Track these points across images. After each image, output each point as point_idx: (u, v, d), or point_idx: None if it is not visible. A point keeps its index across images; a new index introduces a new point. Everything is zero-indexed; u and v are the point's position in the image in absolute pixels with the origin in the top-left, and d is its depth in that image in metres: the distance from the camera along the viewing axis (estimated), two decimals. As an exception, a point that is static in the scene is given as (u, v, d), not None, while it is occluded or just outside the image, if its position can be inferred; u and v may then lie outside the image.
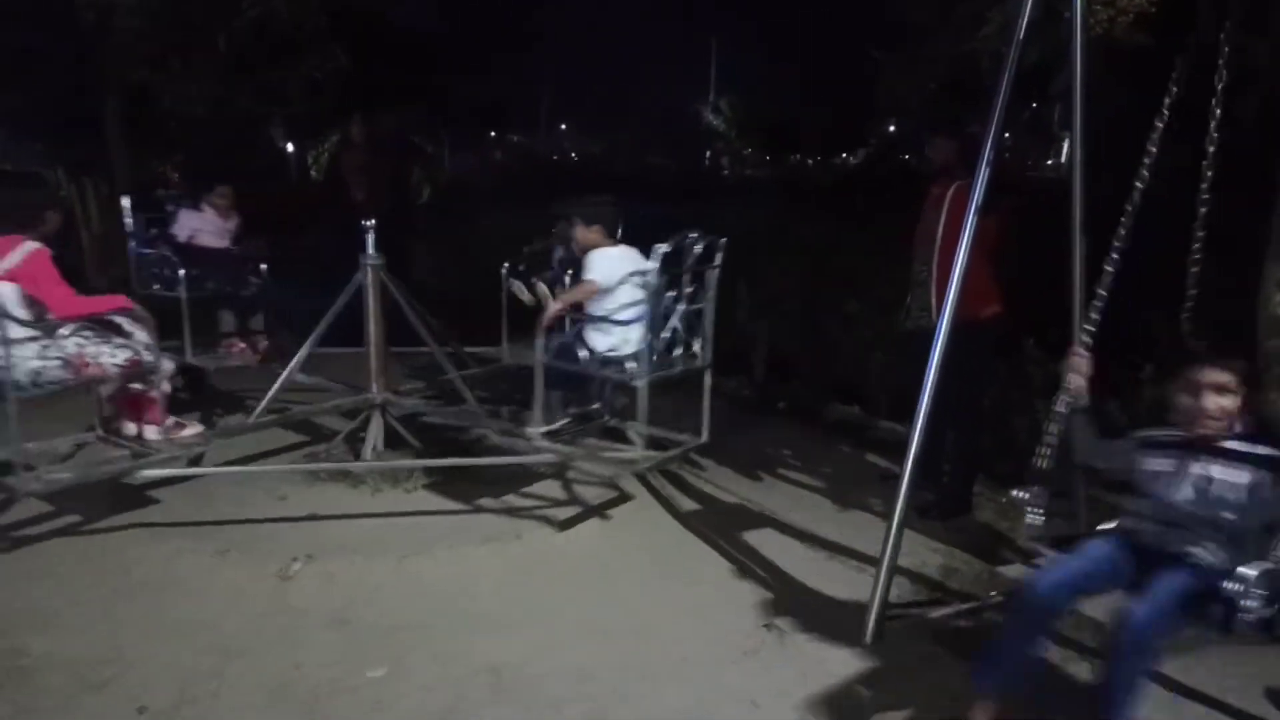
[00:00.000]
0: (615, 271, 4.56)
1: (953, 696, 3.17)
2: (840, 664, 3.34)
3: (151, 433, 4.46)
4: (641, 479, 5.13)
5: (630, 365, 4.43)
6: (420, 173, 12.20)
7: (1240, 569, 2.72)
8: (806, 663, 3.36)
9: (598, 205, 4.86)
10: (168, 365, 4.51)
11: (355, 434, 5.33)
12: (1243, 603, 2.68)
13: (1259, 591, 2.67)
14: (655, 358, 4.33)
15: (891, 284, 5.42)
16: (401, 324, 5.24)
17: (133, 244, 5.95)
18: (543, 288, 5.40)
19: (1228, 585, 2.72)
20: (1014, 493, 3.54)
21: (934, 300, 4.46)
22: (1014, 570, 4.12)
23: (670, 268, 4.22)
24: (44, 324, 4.10)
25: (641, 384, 4.30)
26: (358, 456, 5.21)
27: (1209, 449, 2.91)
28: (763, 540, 4.45)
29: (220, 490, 4.79)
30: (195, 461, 4.80)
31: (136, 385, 4.40)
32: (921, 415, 3.48)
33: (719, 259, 4.43)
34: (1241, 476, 2.85)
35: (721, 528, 4.58)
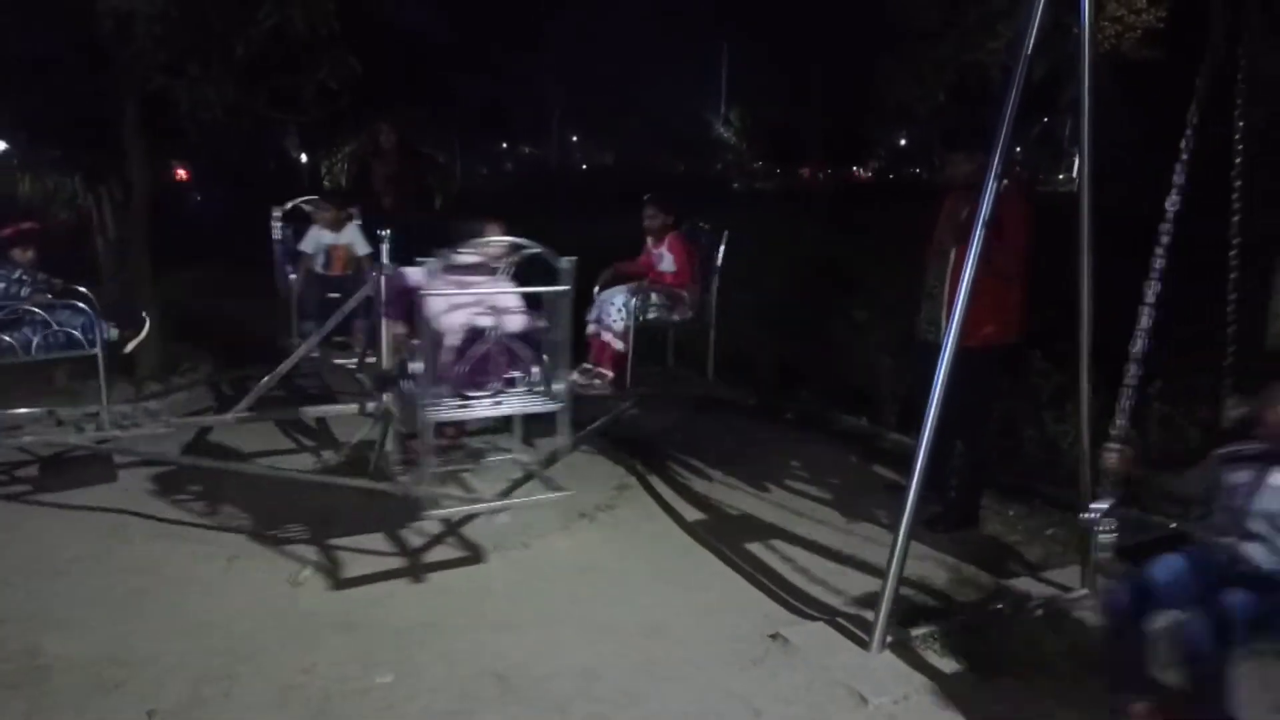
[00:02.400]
0: None
1: (958, 707, 3.19)
2: (846, 673, 3.35)
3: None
4: (648, 488, 5.16)
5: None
6: (432, 182, 12.28)
7: None
8: (811, 671, 3.38)
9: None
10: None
11: (366, 439, 5.36)
12: None
13: None
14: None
15: (900, 293, 5.44)
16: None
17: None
18: None
19: None
20: (1081, 515, 3.56)
21: (944, 318, 4.45)
22: (1021, 582, 4.13)
23: None
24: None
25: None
26: (368, 462, 5.24)
27: None
28: (768, 549, 4.47)
29: (231, 494, 4.83)
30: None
31: None
32: (928, 428, 3.50)
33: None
34: None
35: (727, 536, 4.60)
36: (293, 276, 6.57)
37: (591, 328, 5.65)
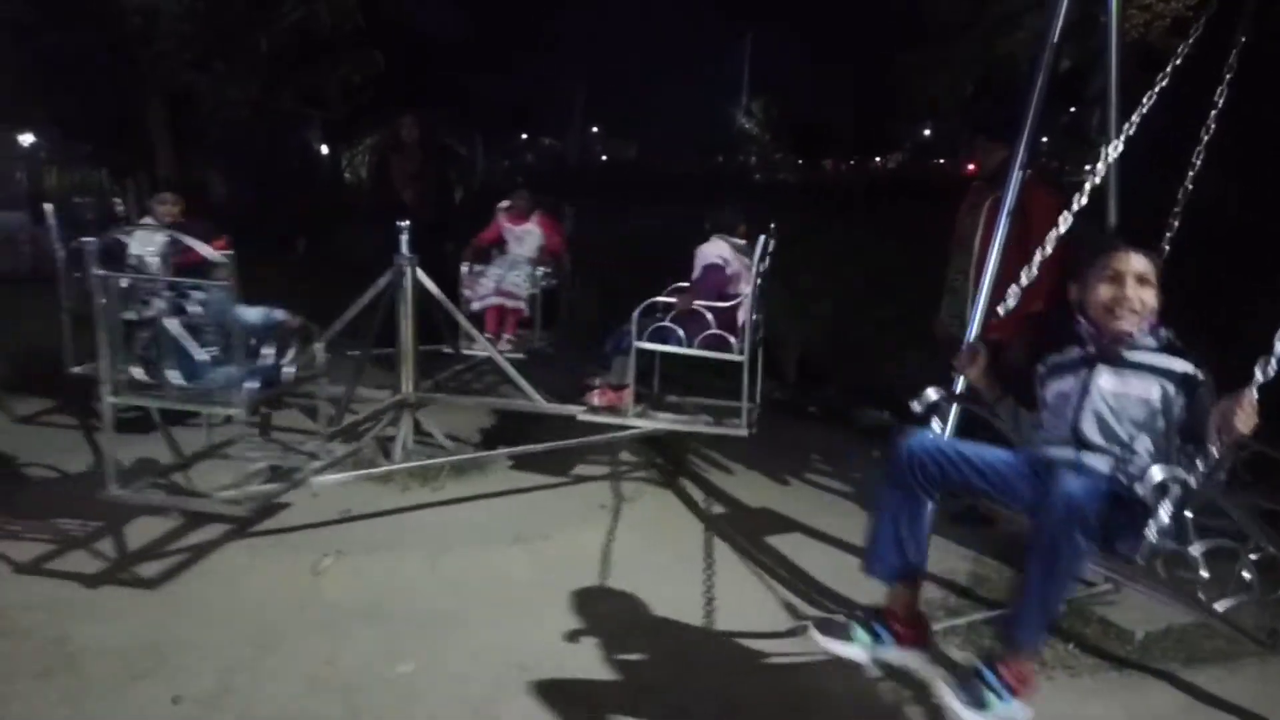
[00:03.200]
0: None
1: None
2: (871, 667, 3.34)
3: None
4: (670, 481, 5.17)
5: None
6: (453, 175, 12.32)
7: (1149, 472, 2.52)
8: (836, 665, 3.37)
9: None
10: None
11: (385, 432, 5.41)
12: (1157, 510, 2.47)
13: (1167, 497, 2.48)
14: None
15: (926, 287, 5.40)
16: (432, 324, 5.31)
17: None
18: None
19: (1138, 489, 2.55)
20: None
21: (969, 312, 4.40)
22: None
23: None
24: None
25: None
26: (387, 455, 5.28)
27: (1115, 360, 2.78)
28: (790, 543, 4.46)
29: (248, 485, 4.87)
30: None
31: None
32: (950, 423, 3.47)
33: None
34: (1151, 390, 2.73)
35: (749, 530, 4.60)
36: None
37: (492, 300, 6.48)
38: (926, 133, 31.75)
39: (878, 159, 31.67)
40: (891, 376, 6.50)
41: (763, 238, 4.69)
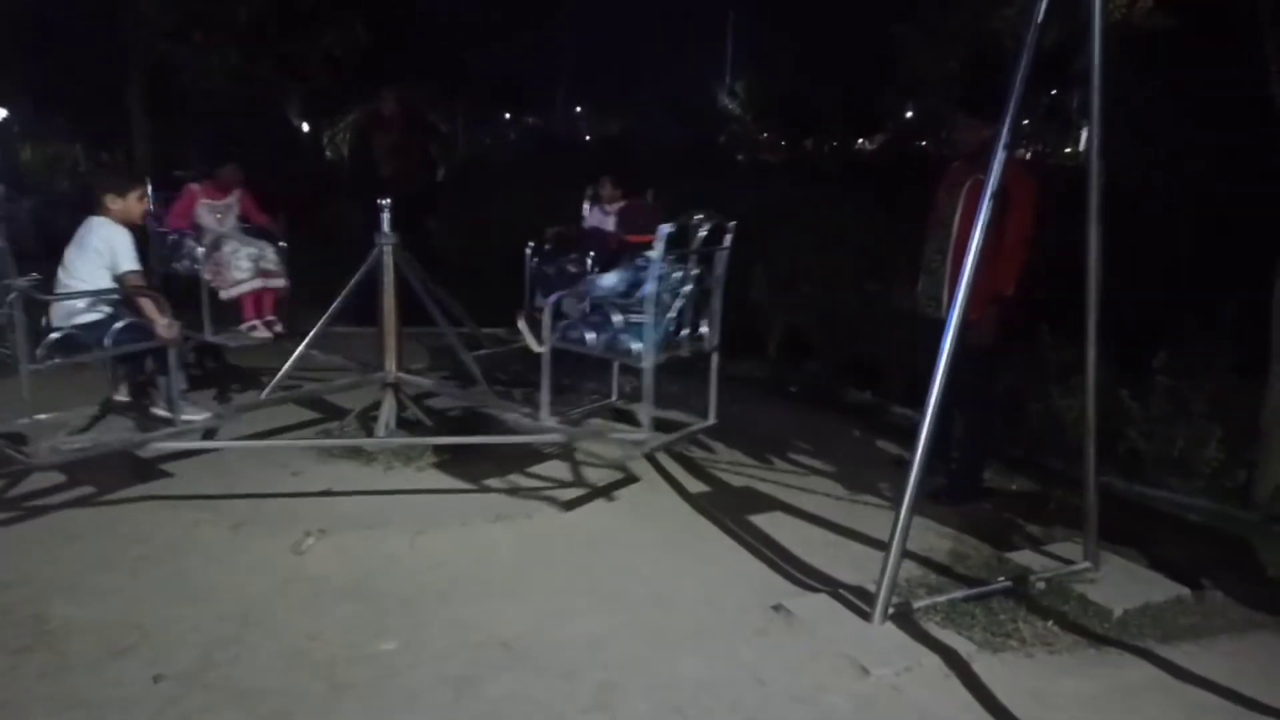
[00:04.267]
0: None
1: (960, 679, 3.21)
2: (848, 645, 3.37)
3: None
4: (651, 460, 5.17)
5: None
6: (435, 151, 12.22)
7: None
8: (816, 642, 3.40)
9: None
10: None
11: (368, 412, 5.38)
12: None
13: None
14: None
15: (909, 266, 5.42)
16: (417, 303, 5.28)
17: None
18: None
19: None
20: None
21: (946, 293, 4.42)
22: (1023, 555, 4.15)
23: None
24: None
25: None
26: (370, 434, 5.26)
27: None
28: (772, 522, 4.49)
29: (234, 465, 4.85)
30: (209, 435, 4.88)
31: None
32: (932, 402, 3.49)
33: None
34: None
35: (731, 509, 4.62)
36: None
37: (251, 285, 5.89)
38: (909, 114, 31.75)
39: (860, 140, 31.62)
40: (874, 355, 6.53)
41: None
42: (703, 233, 4.30)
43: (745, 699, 3.07)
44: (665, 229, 4.06)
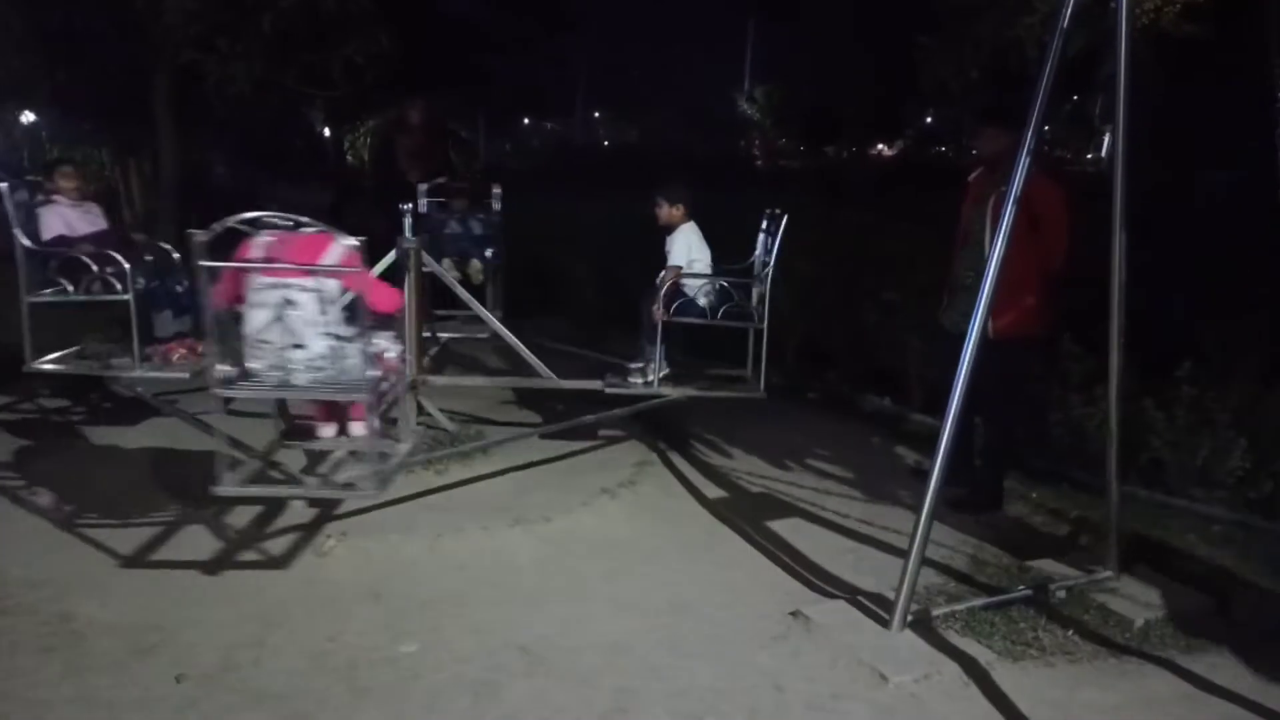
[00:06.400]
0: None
1: (979, 687, 3.19)
2: (867, 652, 3.36)
3: (359, 429, 4.31)
4: (670, 467, 5.18)
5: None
6: (455, 158, 12.30)
7: None
8: (834, 649, 3.39)
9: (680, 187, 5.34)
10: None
11: (387, 414, 5.40)
12: None
13: None
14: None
15: (930, 274, 5.40)
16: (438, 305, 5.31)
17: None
18: (475, 264, 5.86)
19: None
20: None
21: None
22: (1044, 564, 4.11)
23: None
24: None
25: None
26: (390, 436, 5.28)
27: None
28: (791, 528, 4.48)
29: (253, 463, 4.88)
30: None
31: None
32: (954, 409, 3.47)
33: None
34: None
35: (749, 514, 4.61)
36: None
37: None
38: (929, 120, 31.63)
39: (880, 146, 31.53)
40: (893, 363, 6.50)
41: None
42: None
43: (763, 706, 3.06)
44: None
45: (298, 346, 3.58)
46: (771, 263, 4.87)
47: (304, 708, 2.96)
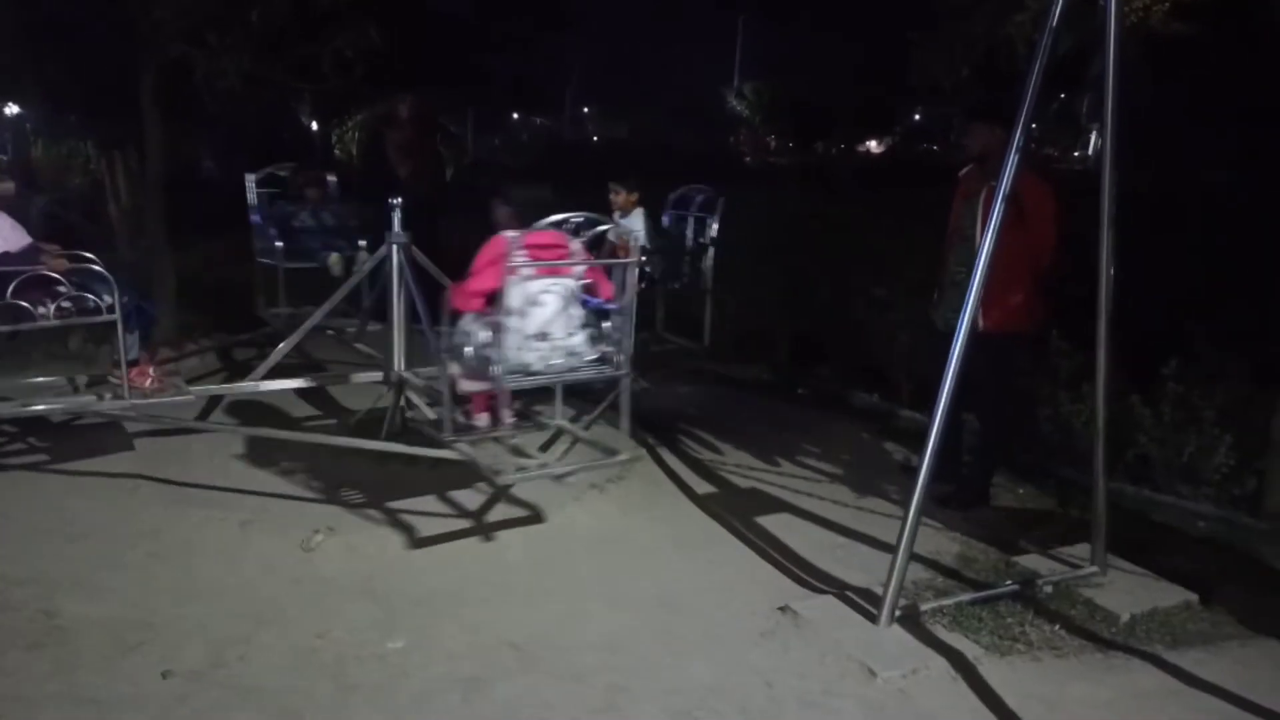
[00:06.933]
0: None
1: (967, 681, 3.21)
2: (855, 647, 3.37)
3: (506, 416, 4.21)
4: (661, 463, 5.19)
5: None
6: (444, 152, 12.26)
7: None
8: (822, 645, 3.40)
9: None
10: None
11: (376, 410, 5.39)
12: None
13: None
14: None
15: (919, 270, 5.41)
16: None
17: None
18: (363, 254, 5.91)
19: None
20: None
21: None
22: (1030, 560, 4.14)
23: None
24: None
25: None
26: (380, 429, 5.26)
27: None
28: (781, 524, 4.48)
29: (239, 462, 4.87)
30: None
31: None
32: (942, 405, 3.48)
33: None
34: None
35: (739, 510, 4.62)
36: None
37: None
38: (916, 117, 31.71)
39: (870, 143, 31.59)
40: (883, 359, 6.52)
41: None
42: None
43: (753, 702, 3.07)
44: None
45: (570, 335, 3.86)
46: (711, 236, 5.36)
47: (292, 704, 2.95)
